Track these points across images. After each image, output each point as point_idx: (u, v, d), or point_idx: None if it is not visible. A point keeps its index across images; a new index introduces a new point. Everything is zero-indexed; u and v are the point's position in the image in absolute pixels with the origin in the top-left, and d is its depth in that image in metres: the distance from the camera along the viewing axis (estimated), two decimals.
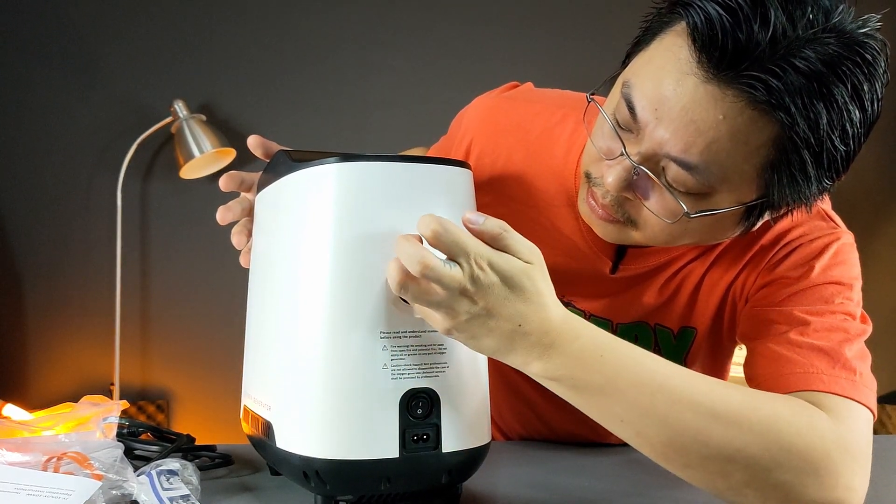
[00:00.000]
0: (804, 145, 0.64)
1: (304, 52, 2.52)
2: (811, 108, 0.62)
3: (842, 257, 0.80)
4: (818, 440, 0.66)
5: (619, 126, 0.70)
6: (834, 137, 0.64)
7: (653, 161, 0.68)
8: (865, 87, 0.64)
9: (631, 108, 0.68)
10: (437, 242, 0.59)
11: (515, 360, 0.64)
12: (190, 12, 2.46)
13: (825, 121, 0.63)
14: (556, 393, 0.66)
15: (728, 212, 0.70)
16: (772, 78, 0.61)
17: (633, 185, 0.71)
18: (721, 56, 0.62)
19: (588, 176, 0.76)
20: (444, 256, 0.60)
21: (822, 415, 0.68)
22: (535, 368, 0.64)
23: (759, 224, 0.74)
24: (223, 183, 0.80)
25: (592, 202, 0.76)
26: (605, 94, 0.76)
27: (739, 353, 0.92)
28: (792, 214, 0.74)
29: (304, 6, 2.52)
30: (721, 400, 0.66)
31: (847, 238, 0.82)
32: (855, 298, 0.79)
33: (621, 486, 0.82)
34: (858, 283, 0.81)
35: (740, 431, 0.64)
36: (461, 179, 0.69)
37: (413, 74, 2.57)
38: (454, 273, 0.59)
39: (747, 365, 0.80)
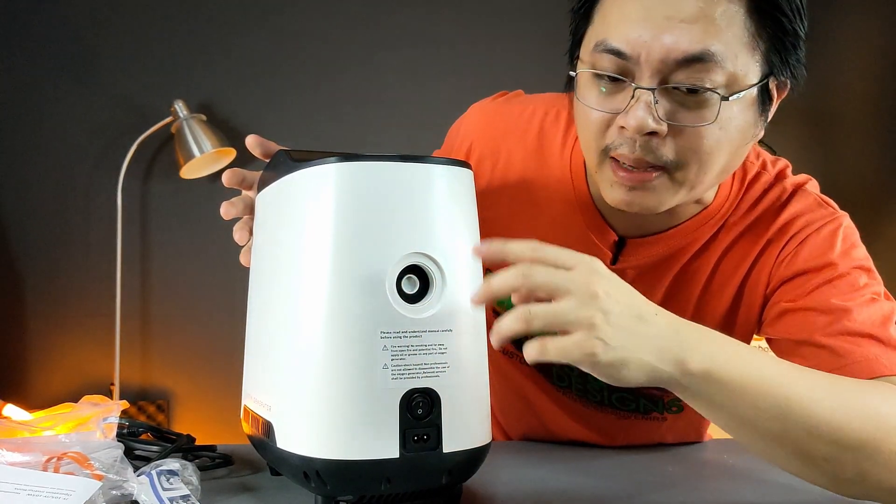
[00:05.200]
0: None
1: (305, 52, 2.52)
2: None
3: (851, 240, 0.84)
4: None
5: (613, 80, 0.73)
6: None
7: (663, 81, 0.71)
8: None
9: (618, 53, 0.72)
10: (541, 255, 0.62)
11: (684, 347, 0.62)
12: (190, 12, 2.45)
13: None
14: (702, 402, 0.64)
15: (749, 95, 0.73)
16: None
17: (657, 118, 0.72)
18: None
19: (606, 152, 0.76)
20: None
21: None
22: (703, 352, 0.63)
23: (774, 107, 0.77)
24: (226, 178, 0.80)
25: (622, 173, 0.75)
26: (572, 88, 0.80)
27: None
28: (792, 88, 0.78)
29: (304, 6, 2.51)
30: (843, 388, 0.68)
31: (846, 220, 0.85)
32: (877, 277, 0.82)
33: (621, 486, 0.82)
34: (871, 262, 0.84)
35: (867, 418, 0.66)
36: (462, 179, 0.69)
37: (413, 74, 2.57)
38: (571, 273, 0.61)
39: (794, 356, 0.80)
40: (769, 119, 0.78)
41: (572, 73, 0.78)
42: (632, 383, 0.62)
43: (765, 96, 0.75)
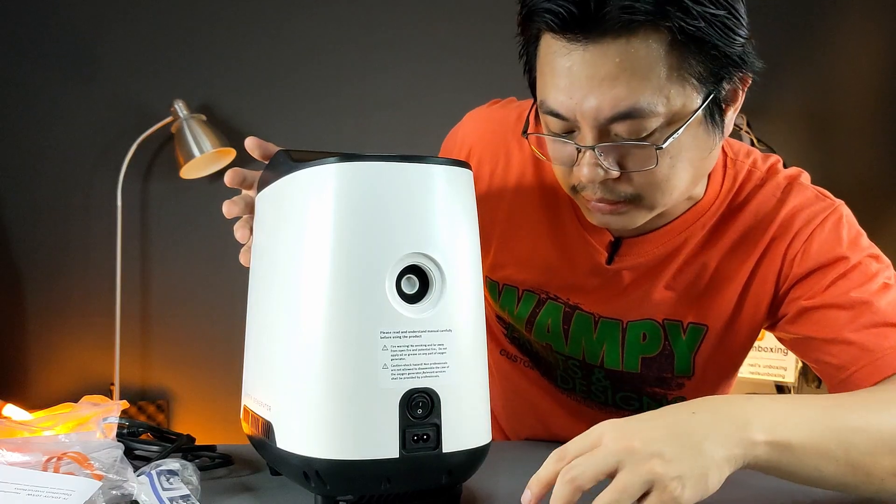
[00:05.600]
0: (694, 30, 0.69)
1: (304, 52, 2.52)
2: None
3: (855, 228, 0.85)
4: None
5: (561, 136, 0.75)
6: (707, 6, 0.69)
7: (603, 134, 0.73)
8: None
9: (555, 114, 0.74)
10: (567, 454, 0.61)
11: (739, 425, 0.62)
12: (190, 12, 2.45)
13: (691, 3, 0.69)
14: (779, 468, 0.64)
15: (692, 122, 0.73)
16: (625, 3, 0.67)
17: (605, 168, 0.74)
18: (583, 23, 0.68)
19: (575, 190, 0.80)
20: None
21: None
22: (756, 422, 0.63)
23: (740, 102, 0.77)
24: (227, 178, 0.81)
25: (593, 203, 0.79)
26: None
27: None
28: (747, 85, 0.77)
29: (304, 6, 2.51)
30: (887, 397, 0.70)
31: (845, 208, 0.86)
32: (884, 261, 0.83)
33: None
34: (876, 247, 0.84)
35: None
36: (461, 179, 0.69)
37: (413, 74, 2.57)
38: (603, 448, 0.60)
39: (825, 354, 0.81)
40: (738, 110, 0.78)
41: (524, 136, 0.82)
42: (721, 482, 0.61)
43: (714, 109, 0.75)
